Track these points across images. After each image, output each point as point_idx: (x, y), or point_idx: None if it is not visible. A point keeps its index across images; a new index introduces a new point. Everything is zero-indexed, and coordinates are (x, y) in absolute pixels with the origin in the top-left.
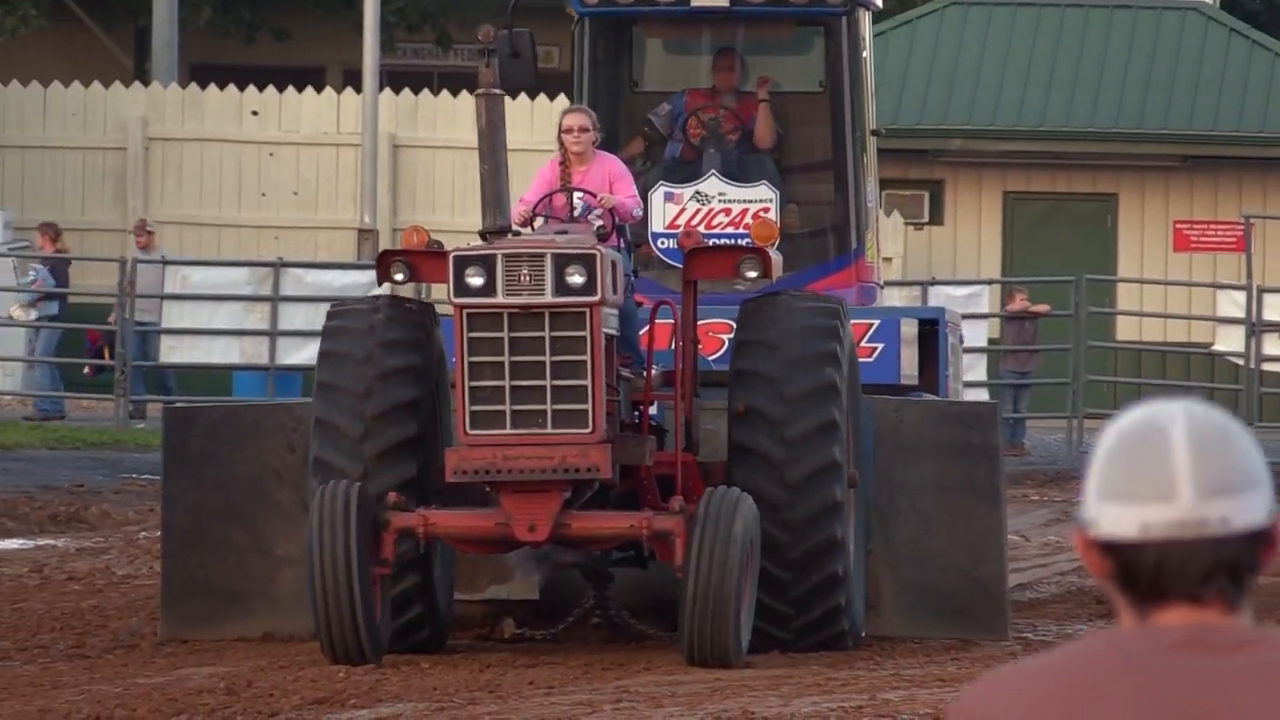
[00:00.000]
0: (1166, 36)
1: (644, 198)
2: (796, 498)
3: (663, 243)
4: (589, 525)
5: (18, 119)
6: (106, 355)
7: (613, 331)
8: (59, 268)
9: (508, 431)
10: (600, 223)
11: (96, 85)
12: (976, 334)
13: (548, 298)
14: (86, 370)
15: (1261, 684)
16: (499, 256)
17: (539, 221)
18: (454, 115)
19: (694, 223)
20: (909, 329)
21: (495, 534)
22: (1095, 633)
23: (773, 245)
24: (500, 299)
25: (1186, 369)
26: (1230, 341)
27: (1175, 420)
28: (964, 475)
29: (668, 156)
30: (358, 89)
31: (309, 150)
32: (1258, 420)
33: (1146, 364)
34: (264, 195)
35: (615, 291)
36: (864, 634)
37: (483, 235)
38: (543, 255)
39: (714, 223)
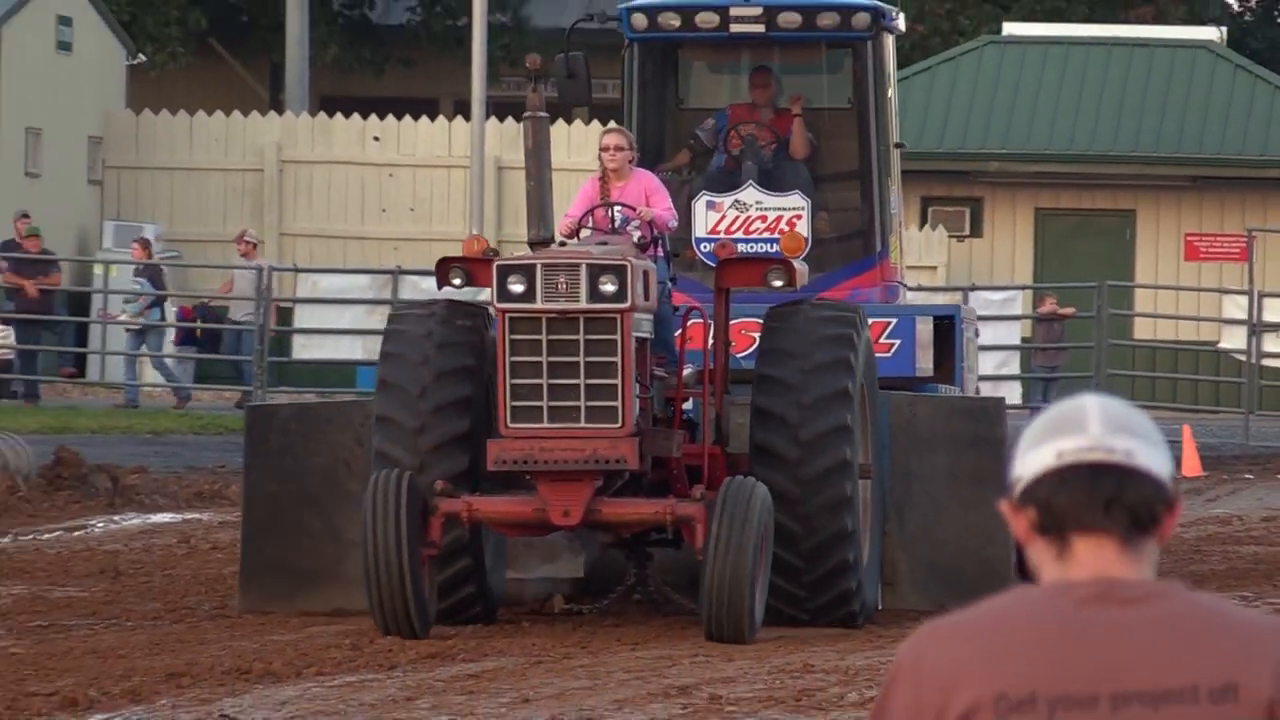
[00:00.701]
0: (1180, 71)
1: (688, 206)
2: (810, 493)
3: (705, 247)
4: (618, 511)
5: (167, 144)
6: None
7: (645, 335)
8: (155, 276)
9: (545, 425)
10: (639, 234)
11: (236, 114)
12: (1011, 333)
13: (582, 304)
14: (173, 339)
15: (1161, 633)
16: (539, 266)
17: (584, 233)
18: (551, 140)
19: (733, 229)
20: (924, 326)
21: (532, 518)
22: (1015, 590)
23: (799, 256)
24: (539, 305)
25: (1195, 364)
26: (1234, 340)
27: (1087, 397)
28: (973, 465)
29: (711, 168)
30: (467, 117)
31: (424, 172)
32: (1258, 409)
33: (1160, 360)
34: (384, 211)
35: (647, 298)
36: (880, 607)
37: (531, 245)
38: (578, 265)
39: (751, 229)
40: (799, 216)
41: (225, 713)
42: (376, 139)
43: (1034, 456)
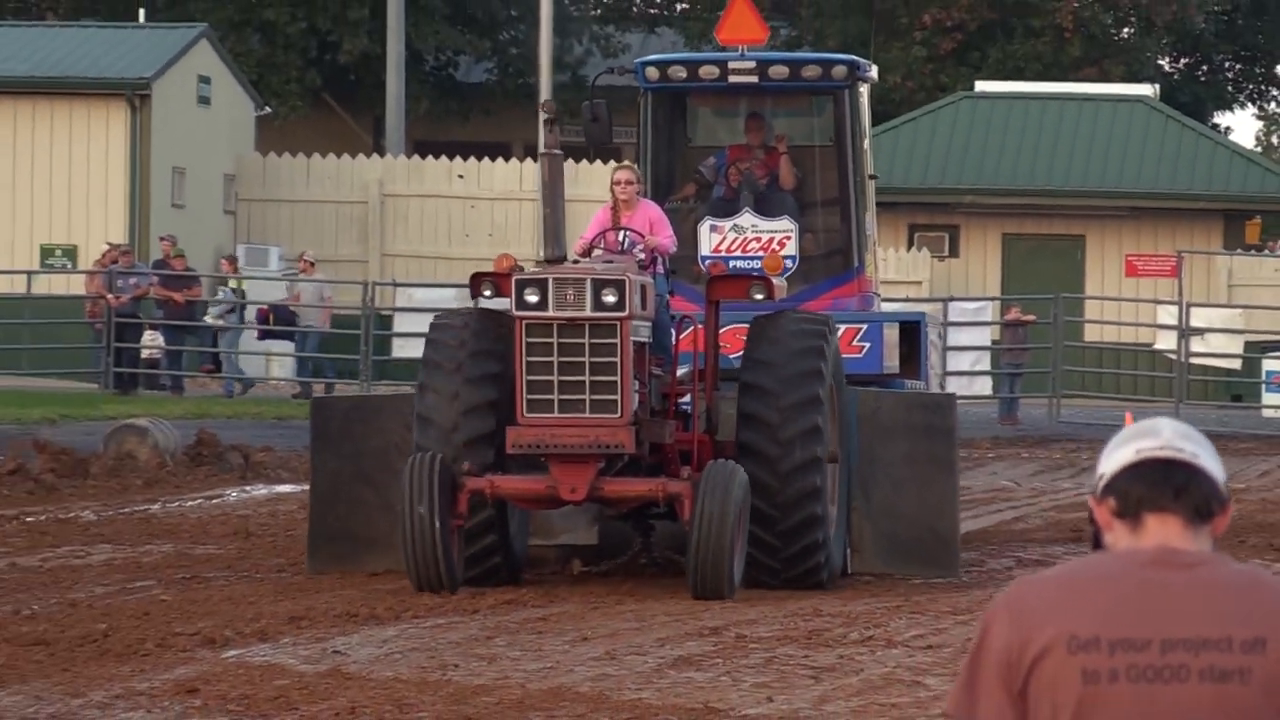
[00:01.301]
0: (1120, 121)
1: (694, 230)
2: (786, 452)
3: (708, 264)
4: (617, 488)
5: (289, 181)
6: (271, 321)
7: (643, 339)
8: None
9: (555, 415)
10: (641, 255)
11: (345, 156)
12: (982, 336)
13: (587, 313)
14: (257, 335)
15: (1206, 593)
16: (550, 280)
17: (596, 252)
18: (604, 178)
19: (733, 249)
20: (890, 331)
21: (545, 494)
22: (1094, 554)
23: (778, 275)
24: (550, 313)
25: (1135, 362)
26: (1166, 342)
27: (1161, 418)
28: (927, 451)
29: (713, 197)
30: (535, 159)
31: (500, 204)
32: (1186, 399)
33: (1105, 358)
34: (467, 236)
35: (645, 308)
36: (850, 571)
37: (547, 262)
38: (584, 280)
39: (748, 249)
40: (788, 238)
41: (337, 649)
42: (461, 176)
43: (1116, 456)
